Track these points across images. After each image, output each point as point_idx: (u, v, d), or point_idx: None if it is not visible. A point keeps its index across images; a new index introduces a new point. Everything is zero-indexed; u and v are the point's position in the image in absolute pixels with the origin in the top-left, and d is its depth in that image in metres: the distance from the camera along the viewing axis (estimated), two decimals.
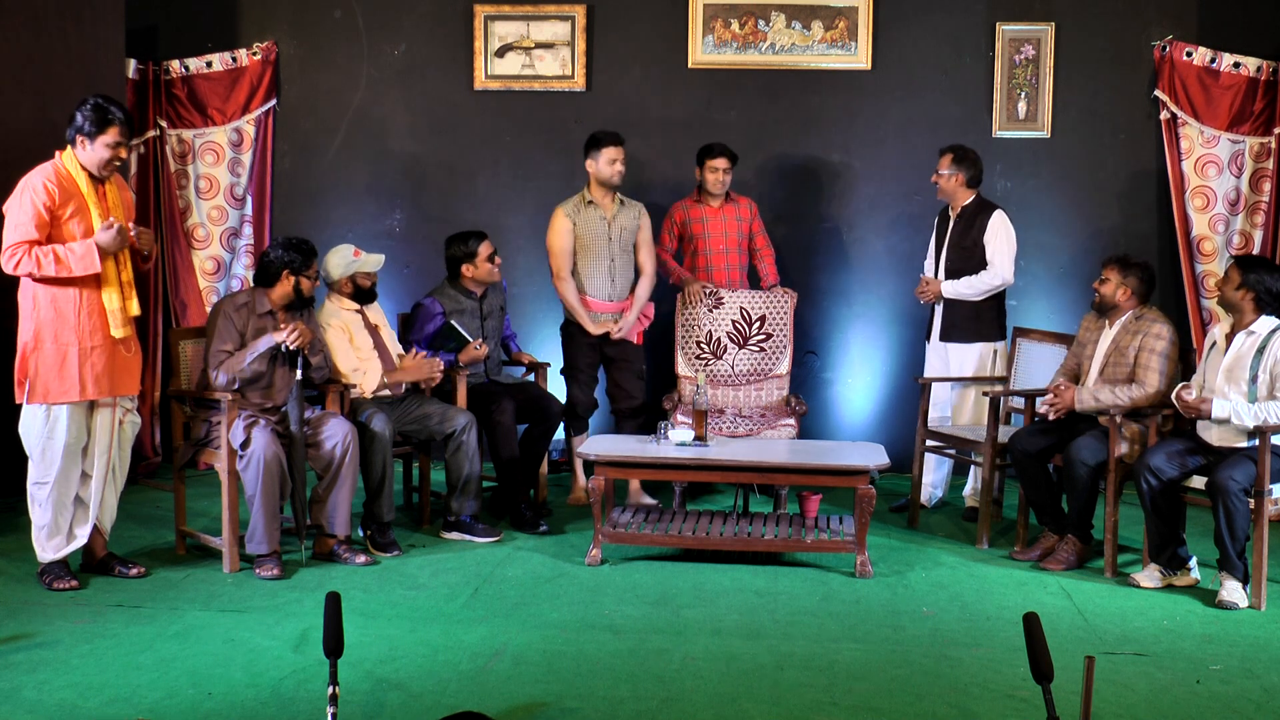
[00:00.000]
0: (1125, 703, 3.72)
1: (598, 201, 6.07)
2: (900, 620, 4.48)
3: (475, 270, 5.87)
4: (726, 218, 6.35)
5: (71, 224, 4.55)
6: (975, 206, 6.04)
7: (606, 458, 5.15)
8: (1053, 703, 2.47)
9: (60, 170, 4.57)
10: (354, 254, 5.50)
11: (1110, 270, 5.21)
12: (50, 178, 4.53)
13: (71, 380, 4.56)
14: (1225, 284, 4.86)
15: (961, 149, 6.04)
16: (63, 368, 4.56)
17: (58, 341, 4.55)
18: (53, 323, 4.56)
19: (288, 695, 3.68)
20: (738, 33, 6.82)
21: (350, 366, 5.41)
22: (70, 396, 4.57)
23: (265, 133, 6.97)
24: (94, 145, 4.56)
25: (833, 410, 6.95)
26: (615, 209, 6.09)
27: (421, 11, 6.99)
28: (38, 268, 4.48)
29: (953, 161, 6.00)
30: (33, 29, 5.80)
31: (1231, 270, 4.85)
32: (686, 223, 6.38)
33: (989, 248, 5.96)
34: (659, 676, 3.89)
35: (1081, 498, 5.08)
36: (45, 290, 4.55)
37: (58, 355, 4.56)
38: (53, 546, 4.70)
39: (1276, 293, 4.76)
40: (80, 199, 4.57)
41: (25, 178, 4.57)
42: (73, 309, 4.57)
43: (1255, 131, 6.55)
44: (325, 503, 5.09)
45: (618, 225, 6.08)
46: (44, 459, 4.63)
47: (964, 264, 5.99)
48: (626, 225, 6.11)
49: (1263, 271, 4.77)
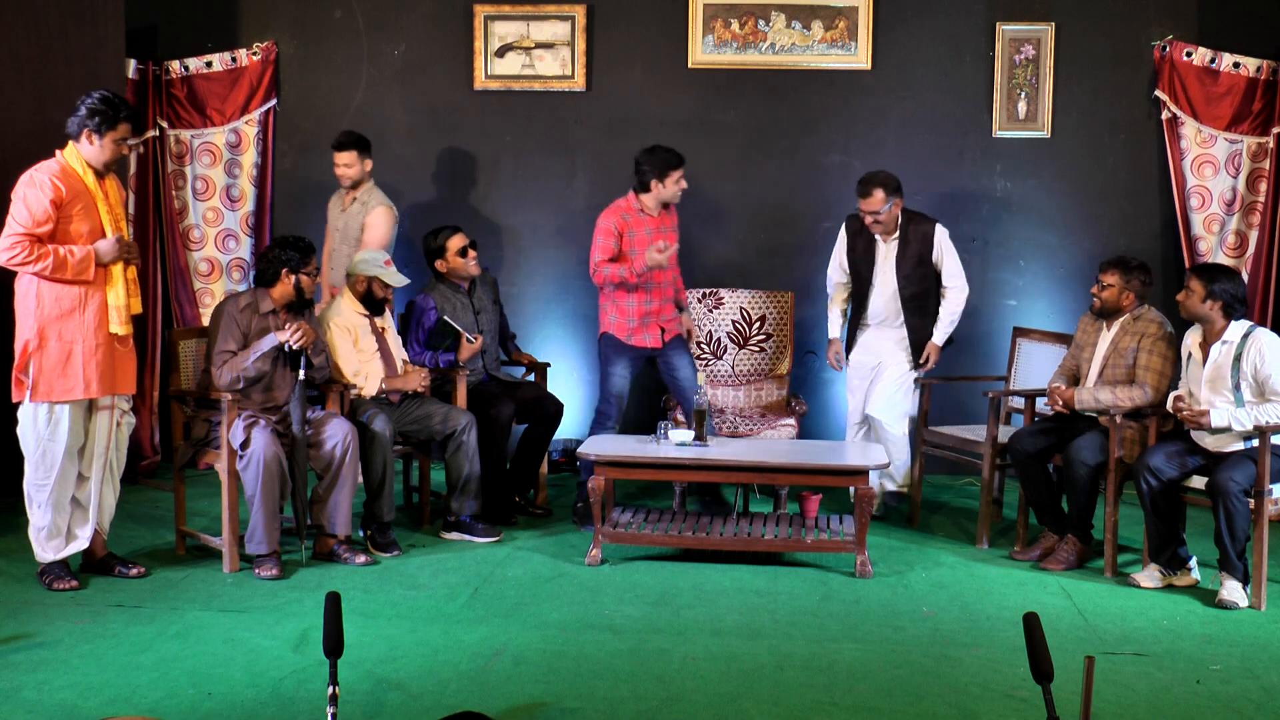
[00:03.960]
0: (1125, 703, 3.72)
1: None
2: (900, 620, 4.49)
3: (446, 265, 5.88)
4: (666, 228, 5.89)
5: (78, 221, 4.53)
6: (905, 221, 5.85)
7: (606, 458, 5.15)
8: (1053, 703, 2.47)
9: (66, 167, 4.55)
10: (385, 262, 5.54)
11: (1112, 275, 5.17)
12: (56, 174, 4.51)
13: (75, 378, 4.54)
14: (1188, 297, 4.80)
15: (882, 178, 5.74)
16: (67, 365, 4.54)
17: (62, 339, 4.53)
18: (57, 320, 4.54)
19: (288, 695, 3.68)
20: (738, 33, 6.82)
21: (352, 369, 5.42)
22: (74, 395, 4.55)
23: (265, 133, 6.97)
24: (103, 141, 4.54)
25: (833, 410, 6.94)
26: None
27: (421, 11, 6.99)
28: (34, 264, 4.46)
29: (887, 194, 5.71)
30: (33, 29, 5.80)
31: (1193, 283, 4.80)
32: (630, 234, 5.80)
33: (945, 266, 5.84)
34: (659, 676, 3.89)
35: (1081, 498, 5.08)
36: (49, 287, 4.53)
37: (62, 353, 4.53)
38: (52, 548, 4.69)
39: (1242, 296, 4.76)
40: (88, 196, 4.56)
41: (29, 172, 4.54)
42: (77, 305, 4.55)
43: (1254, 131, 6.55)
44: (325, 503, 5.10)
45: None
46: (44, 461, 4.60)
47: (919, 285, 5.84)
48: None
49: (1224, 279, 4.76)
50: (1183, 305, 4.84)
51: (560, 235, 7.04)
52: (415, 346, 5.86)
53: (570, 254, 7.03)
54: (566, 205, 7.03)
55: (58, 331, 4.54)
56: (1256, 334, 4.71)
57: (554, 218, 7.04)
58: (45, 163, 4.57)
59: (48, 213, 4.46)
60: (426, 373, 5.60)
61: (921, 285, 5.86)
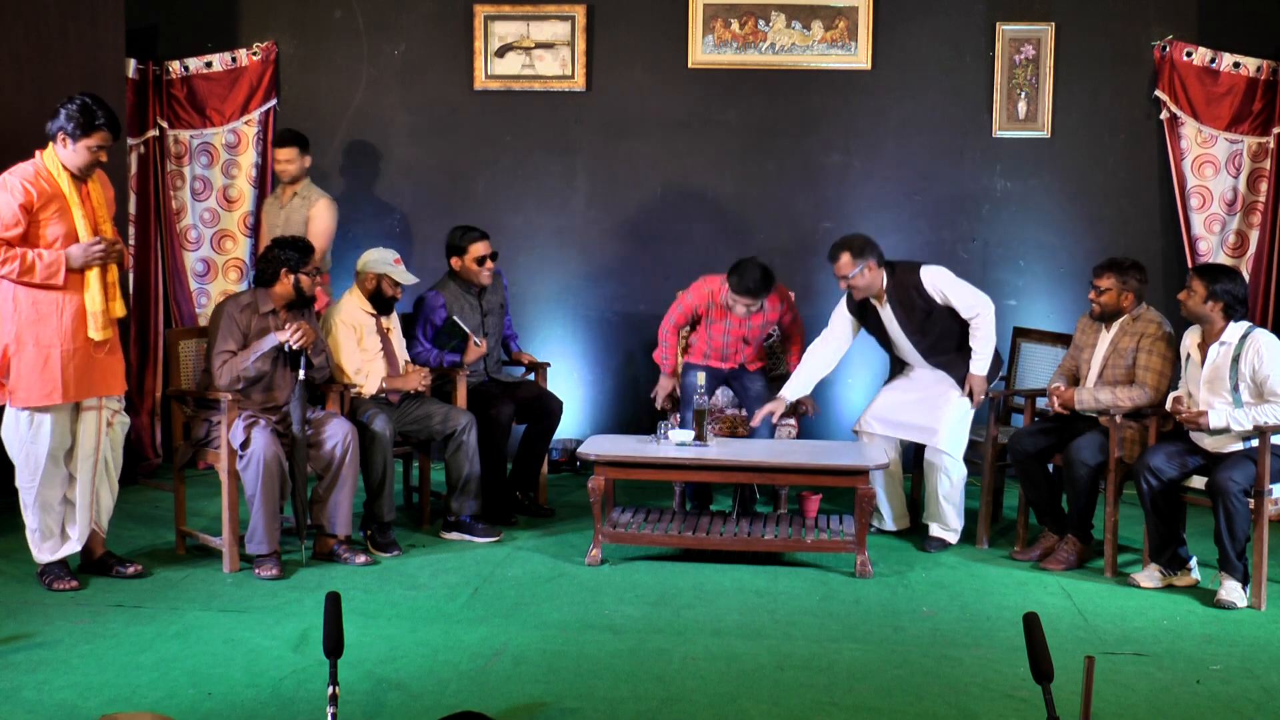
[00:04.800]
0: (1125, 703, 3.72)
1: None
2: (900, 620, 4.48)
3: (462, 266, 5.88)
4: (752, 323, 5.87)
5: (52, 225, 4.47)
6: (890, 281, 5.47)
7: (606, 458, 5.15)
8: (1053, 703, 2.47)
9: (41, 170, 4.49)
10: (394, 260, 5.55)
11: (1107, 278, 5.14)
12: (29, 177, 4.45)
13: (54, 383, 4.49)
14: (1190, 297, 4.79)
15: (849, 241, 5.43)
16: (44, 370, 4.48)
17: (39, 344, 4.48)
18: (34, 324, 4.49)
19: (288, 695, 3.68)
20: (738, 33, 6.82)
21: (354, 367, 5.42)
22: (53, 399, 4.51)
23: (265, 133, 6.97)
24: (75, 146, 4.48)
25: (833, 410, 6.94)
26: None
27: (421, 11, 6.99)
28: (2, 267, 4.41)
29: (854, 257, 5.36)
30: (33, 29, 5.80)
31: (1194, 283, 4.79)
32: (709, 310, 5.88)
33: (954, 302, 5.39)
34: (659, 676, 3.89)
35: (1081, 498, 5.08)
36: (26, 292, 4.48)
37: (39, 357, 4.48)
38: (47, 549, 4.68)
39: (1243, 297, 4.76)
40: (62, 199, 4.50)
41: (3, 175, 4.48)
42: (54, 310, 4.50)
43: (1254, 131, 6.55)
44: (326, 503, 5.10)
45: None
46: (28, 464, 4.59)
47: (937, 333, 5.48)
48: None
49: (1226, 280, 4.75)
50: (1184, 305, 4.84)
51: (560, 235, 7.04)
52: (422, 342, 5.86)
53: (570, 254, 7.03)
54: (566, 205, 7.03)
55: (34, 336, 4.48)
56: (1254, 335, 4.70)
57: (554, 218, 7.04)
58: (21, 165, 4.51)
59: (16, 216, 4.40)
60: (426, 372, 5.60)
61: (938, 331, 5.49)
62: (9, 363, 4.51)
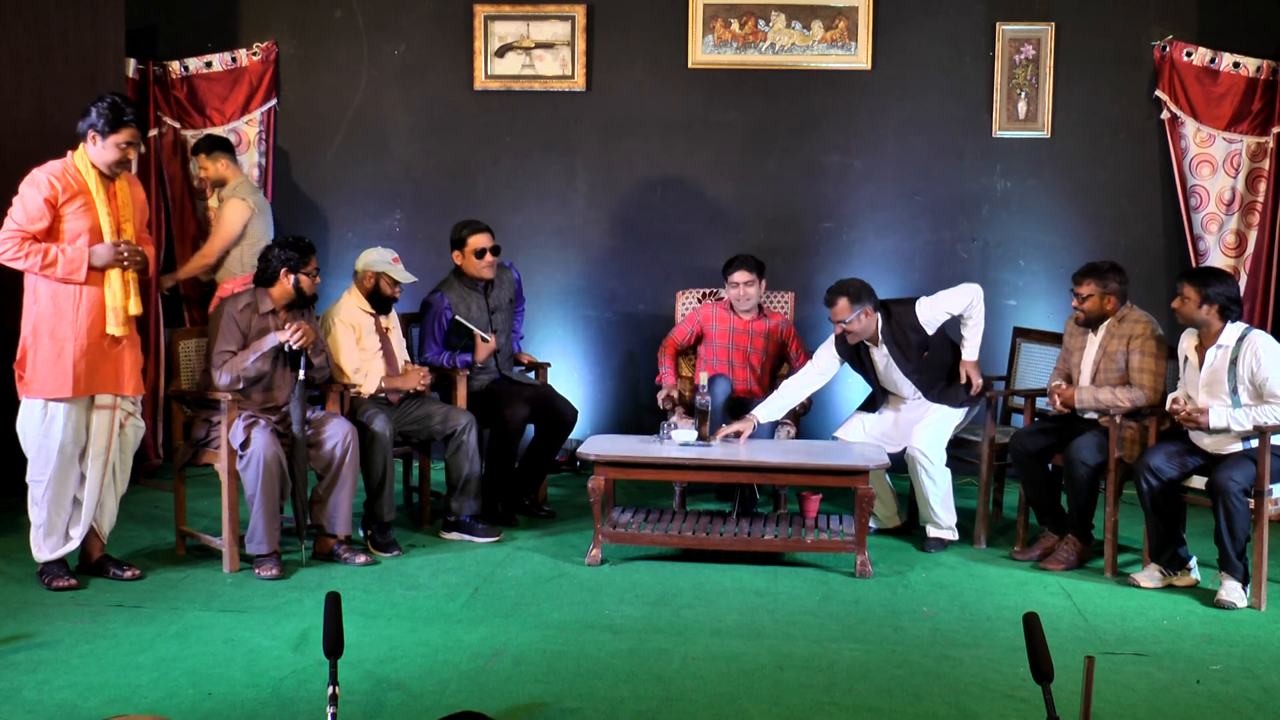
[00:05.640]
0: (1125, 703, 3.72)
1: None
2: (900, 620, 4.49)
3: (463, 260, 5.87)
4: (754, 331, 6.06)
5: (75, 220, 4.54)
6: (884, 322, 5.50)
7: (607, 458, 5.15)
8: (1053, 703, 2.47)
9: (69, 166, 4.59)
10: (393, 259, 5.54)
11: (1088, 285, 5.14)
12: (56, 172, 4.55)
13: (65, 375, 4.55)
14: (1183, 304, 4.78)
15: (845, 286, 5.43)
16: (58, 363, 4.55)
17: (54, 337, 4.56)
18: (51, 317, 4.56)
19: (288, 695, 3.68)
20: (738, 33, 6.82)
21: (353, 367, 5.42)
22: (64, 392, 4.56)
23: (266, 133, 6.97)
24: (105, 143, 4.57)
25: (833, 410, 6.94)
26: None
27: (421, 11, 6.99)
28: (24, 260, 4.49)
29: (851, 302, 5.37)
30: (33, 29, 5.80)
31: (1186, 289, 4.77)
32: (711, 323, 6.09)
33: (950, 309, 5.46)
34: (659, 676, 3.89)
35: (1081, 498, 5.08)
36: (47, 286, 4.56)
37: (54, 350, 4.55)
38: (49, 546, 4.69)
39: (1237, 297, 4.76)
40: (87, 195, 4.57)
41: (33, 171, 4.58)
42: (71, 304, 4.57)
43: (1253, 131, 6.55)
44: (325, 503, 5.09)
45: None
46: (40, 456, 4.62)
47: (936, 369, 5.52)
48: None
49: (1217, 282, 4.75)
50: (1179, 312, 4.83)
51: (560, 235, 7.04)
52: (434, 346, 5.85)
53: (570, 254, 7.03)
54: (566, 205, 7.03)
55: (51, 329, 4.56)
56: (1252, 337, 4.70)
57: (554, 218, 7.04)
58: (52, 162, 4.61)
59: (41, 211, 4.50)
60: (425, 372, 5.60)
61: (935, 365, 5.52)
62: (26, 354, 4.58)
